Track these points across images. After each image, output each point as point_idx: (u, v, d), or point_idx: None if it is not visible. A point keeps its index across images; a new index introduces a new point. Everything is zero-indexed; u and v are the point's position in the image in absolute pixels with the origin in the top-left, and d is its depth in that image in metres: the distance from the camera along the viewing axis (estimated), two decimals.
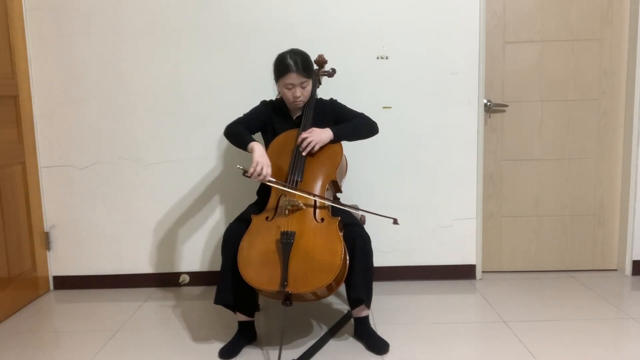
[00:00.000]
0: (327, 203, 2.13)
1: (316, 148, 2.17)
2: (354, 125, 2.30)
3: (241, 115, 2.36)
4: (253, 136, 2.23)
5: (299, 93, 2.22)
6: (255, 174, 2.05)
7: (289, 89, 2.23)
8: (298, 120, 2.33)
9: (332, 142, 2.22)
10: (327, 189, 2.18)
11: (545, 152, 3.01)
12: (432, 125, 2.88)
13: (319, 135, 2.19)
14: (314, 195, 2.11)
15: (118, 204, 2.92)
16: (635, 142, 2.91)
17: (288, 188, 2.10)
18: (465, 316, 2.51)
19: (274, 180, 2.11)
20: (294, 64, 2.17)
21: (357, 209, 2.29)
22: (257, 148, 2.12)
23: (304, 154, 2.17)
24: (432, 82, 2.85)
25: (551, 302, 2.64)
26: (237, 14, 2.79)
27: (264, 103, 2.42)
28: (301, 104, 2.30)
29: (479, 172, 2.92)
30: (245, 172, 2.06)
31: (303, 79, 2.20)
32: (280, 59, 2.23)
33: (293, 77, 2.19)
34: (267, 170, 2.07)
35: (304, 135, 2.19)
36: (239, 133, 2.22)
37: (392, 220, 2.13)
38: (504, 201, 3.05)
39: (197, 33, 2.81)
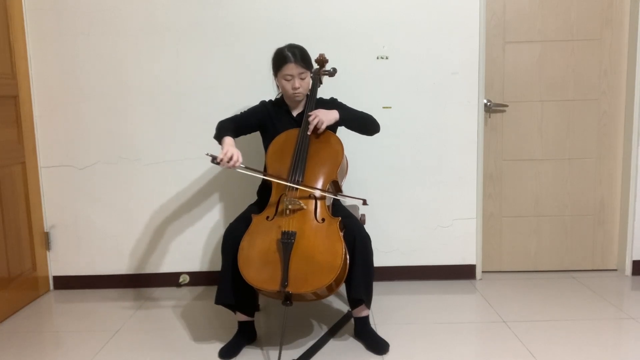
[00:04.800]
0: (328, 195, 2.13)
1: (322, 127, 2.17)
2: (361, 115, 2.32)
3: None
4: (248, 136, 2.25)
5: (298, 84, 2.23)
6: (226, 158, 2.02)
7: (288, 80, 2.23)
8: (299, 117, 2.33)
9: (337, 123, 2.25)
10: (328, 189, 2.18)
11: (545, 152, 3.01)
12: (432, 125, 2.88)
13: (325, 115, 2.20)
14: (313, 188, 2.11)
15: (118, 204, 2.92)
16: (635, 142, 2.91)
17: (286, 182, 2.09)
18: (465, 316, 2.51)
19: (245, 167, 2.08)
20: (291, 55, 2.20)
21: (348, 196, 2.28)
22: (227, 140, 2.13)
23: (309, 133, 2.18)
24: (432, 82, 2.85)
25: (551, 302, 2.64)
26: (237, 14, 2.79)
27: (263, 103, 2.42)
28: (301, 97, 2.30)
29: (479, 172, 2.92)
30: (214, 158, 2.03)
31: (301, 70, 2.22)
32: (278, 51, 2.26)
33: (291, 68, 2.20)
34: (238, 156, 2.04)
35: (310, 113, 2.20)
36: (219, 128, 2.24)
37: (361, 202, 2.11)
38: (503, 201, 3.05)
39: (197, 33, 2.81)
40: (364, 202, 2.10)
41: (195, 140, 2.88)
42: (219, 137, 2.20)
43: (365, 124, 2.32)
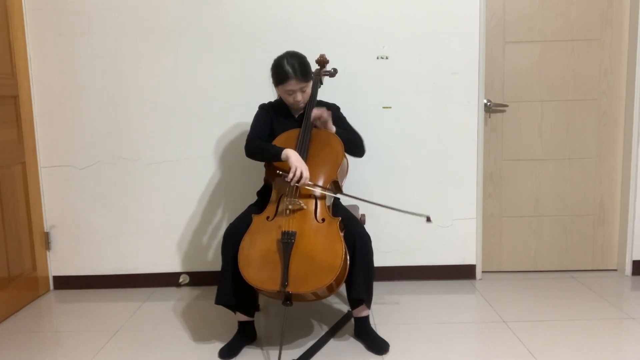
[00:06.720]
0: (331, 194, 2.14)
1: (325, 125, 2.24)
2: (352, 138, 2.35)
3: (245, 125, 2.39)
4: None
5: (300, 97, 2.24)
6: (296, 178, 2.04)
7: (290, 95, 2.24)
8: (300, 118, 2.33)
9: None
10: (328, 189, 2.18)
11: (545, 152, 3.01)
12: (432, 125, 2.88)
13: (330, 119, 2.26)
14: (327, 190, 2.13)
15: (118, 204, 2.92)
16: (635, 142, 2.91)
17: (327, 191, 2.13)
18: (465, 316, 2.51)
19: (312, 183, 2.10)
20: (292, 71, 2.17)
21: (375, 203, 2.26)
22: (292, 153, 2.10)
23: (311, 120, 2.23)
24: (432, 82, 2.85)
25: (551, 302, 2.64)
26: (238, 14, 2.79)
27: (262, 107, 2.41)
28: (302, 105, 2.31)
29: (479, 172, 2.92)
30: (285, 176, 2.06)
31: (303, 84, 2.21)
32: (278, 65, 2.22)
33: (293, 84, 2.19)
34: (307, 174, 2.06)
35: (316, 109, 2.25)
36: (263, 148, 2.19)
37: (425, 218, 2.15)
38: (504, 201, 3.05)
39: (197, 33, 2.81)
40: (428, 219, 2.13)
41: (196, 140, 2.88)
42: (274, 154, 2.14)
43: (354, 147, 2.35)
